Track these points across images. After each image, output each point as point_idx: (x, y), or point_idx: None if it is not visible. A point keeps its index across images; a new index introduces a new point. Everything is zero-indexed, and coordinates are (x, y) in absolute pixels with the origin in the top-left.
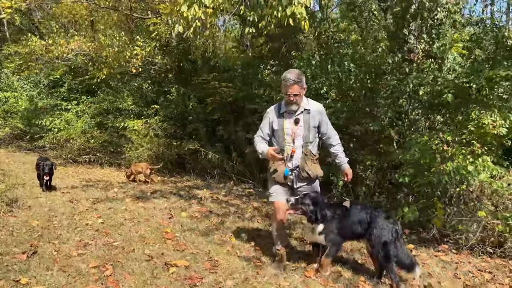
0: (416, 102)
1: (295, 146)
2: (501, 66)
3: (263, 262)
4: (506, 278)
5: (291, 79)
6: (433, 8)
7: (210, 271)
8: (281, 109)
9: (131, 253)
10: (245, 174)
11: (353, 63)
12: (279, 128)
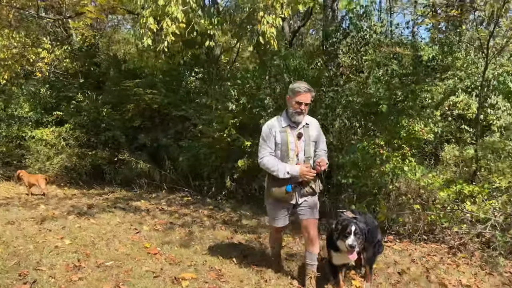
0: (350, 111)
1: (298, 161)
2: (423, 81)
3: (261, 266)
4: (448, 258)
5: (306, 87)
6: (361, 29)
7: (221, 281)
8: (283, 123)
9: (131, 271)
10: (178, 182)
11: (291, 75)
12: (283, 143)
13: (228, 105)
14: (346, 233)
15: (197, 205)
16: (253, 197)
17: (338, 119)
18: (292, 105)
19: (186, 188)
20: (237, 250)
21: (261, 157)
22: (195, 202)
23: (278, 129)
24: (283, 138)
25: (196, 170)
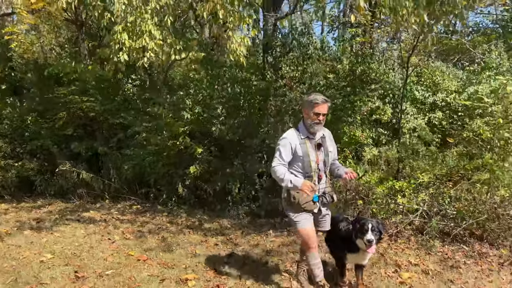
0: (296, 119)
1: (320, 172)
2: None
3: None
4: (392, 245)
5: (323, 98)
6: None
7: (222, 278)
8: (302, 134)
9: (134, 278)
10: (122, 191)
11: (242, 87)
12: (304, 154)
13: (183, 114)
14: (364, 230)
15: (150, 212)
16: (205, 201)
17: (286, 126)
18: (310, 116)
19: (132, 196)
20: (219, 251)
21: (274, 165)
22: (146, 210)
23: (298, 142)
24: (303, 150)
25: (141, 178)
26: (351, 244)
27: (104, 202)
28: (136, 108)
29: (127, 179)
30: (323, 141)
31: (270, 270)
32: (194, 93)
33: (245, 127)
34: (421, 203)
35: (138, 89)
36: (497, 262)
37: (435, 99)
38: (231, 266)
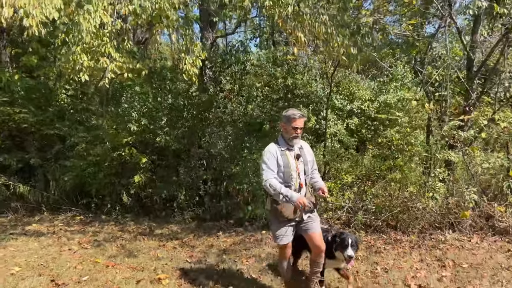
0: (236, 129)
1: (301, 181)
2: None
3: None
4: None
5: (300, 114)
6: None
7: (191, 276)
8: (282, 147)
9: (111, 282)
10: (61, 202)
11: (184, 98)
12: (285, 165)
13: (129, 126)
14: (344, 245)
15: (97, 222)
16: (151, 209)
17: (228, 136)
18: (288, 130)
19: (72, 207)
20: (179, 253)
21: (266, 179)
22: (91, 220)
23: (279, 153)
24: (284, 161)
25: (82, 188)
26: (330, 253)
27: (43, 214)
28: (71, 119)
29: (66, 191)
30: (302, 152)
31: (230, 266)
32: (139, 106)
33: (189, 137)
34: (347, 200)
35: (74, 100)
36: (408, 246)
37: (352, 107)
38: (195, 264)
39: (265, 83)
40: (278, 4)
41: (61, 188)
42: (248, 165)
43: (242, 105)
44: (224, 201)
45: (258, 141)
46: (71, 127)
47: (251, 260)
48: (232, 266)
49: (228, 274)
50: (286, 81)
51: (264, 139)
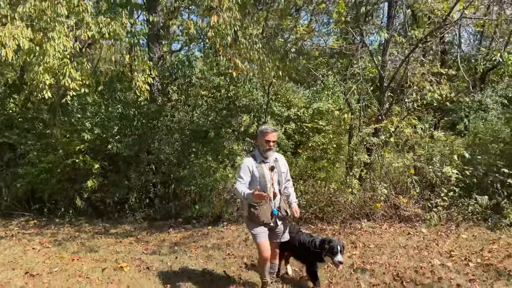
0: (183, 136)
1: (275, 190)
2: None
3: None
4: None
5: (272, 128)
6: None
7: (148, 263)
8: (258, 159)
9: (79, 271)
10: (13, 208)
11: (134, 108)
12: (260, 176)
13: (83, 134)
14: (334, 251)
15: (52, 225)
16: (103, 211)
17: (176, 142)
18: (262, 144)
19: (25, 212)
20: (136, 247)
21: (235, 186)
22: (46, 223)
23: (255, 165)
24: (260, 172)
25: (34, 194)
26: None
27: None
28: (21, 127)
29: (18, 197)
30: (276, 164)
31: (181, 254)
32: (91, 116)
33: (139, 144)
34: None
35: (22, 109)
36: (331, 233)
37: (289, 113)
38: (150, 255)
39: (210, 94)
40: (218, 34)
41: (13, 194)
42: (195, 168)
43: (188, 114)
44: (173, 202)
45: (204, 146)
46: (20, 135)
47: (199, 250)
48: (183, 255)
49: (180, 260)
50: (228, 93)
51: (209, 145)
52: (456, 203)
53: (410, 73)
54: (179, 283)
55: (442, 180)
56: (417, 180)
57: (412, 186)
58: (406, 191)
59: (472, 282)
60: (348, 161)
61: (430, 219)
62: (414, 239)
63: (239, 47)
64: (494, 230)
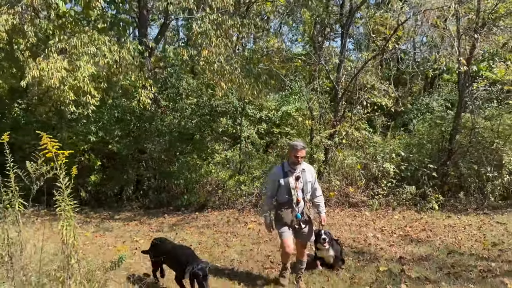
0: (172, 138)
1: (299, 197)
2: (215, 120)
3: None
4: (243, 215)
5: (302, 145)
6: (177, 86)
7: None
8: (285, 169)
9: (107, 245)
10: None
11: (132, 115)
12: (286, 183)
13: (89, 137)
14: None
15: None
16: (104, 202)
17: (165, 143)
18: (291, 157)
19: (35, 203)
20: (142, 227)
21: (265, 193)
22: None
23: (282, 175)
24: (286, 181)
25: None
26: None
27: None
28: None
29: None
30: (303, 174)
31: (179, 232)
32: (95, 121)
33: (135, 144)
34: (255, 188)
35: (28, 113)
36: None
37: (261, 115)
38: (156, 232)
39: (194, 102)
40: (208, 63)
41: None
42: (183, 165)
43: (176, 119)
44: (164, 193)
45: (189, 146)
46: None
47: (193, 228)
48: (180, 231)
49: (179, 235)
50: (210, 101)
51: (195, 145)
52: (393, 192)
53: (359, 87)
54: None
55: (383, 173)
56: (364, 174)
57: (359, 178)
58: (354, 183)
59: (391, 246)
60: (309, 159)
61: (372, 205)
62: (358, 220)
63: (223, 73)
64: (420, 212)
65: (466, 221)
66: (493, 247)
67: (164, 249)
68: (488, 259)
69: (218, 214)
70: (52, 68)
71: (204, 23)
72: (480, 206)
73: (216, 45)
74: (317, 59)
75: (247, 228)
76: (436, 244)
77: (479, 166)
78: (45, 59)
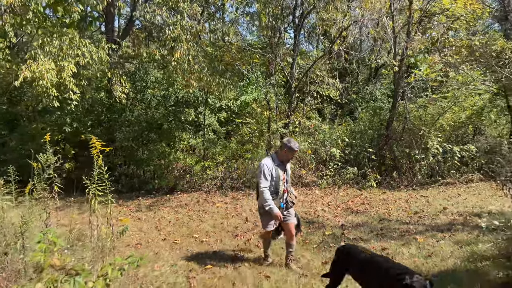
0: (140, 127)
1: (285, 187)
2: (182, 112)
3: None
4: (211, 196)
5: (298, 147)
6: (146, 79)
7: (138, 215)
8: (275, 162)
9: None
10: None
11: (102, 107)
12: (276, 176)
13: (64, 128)
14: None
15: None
16: (77, 187)
17: (135, 132)
18: (287, 155)
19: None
20: (122, 209)
21: (263, 187)
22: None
23: (274, 168)
24: (276, 174)
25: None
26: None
27: None
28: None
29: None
30: (288, 167)
31: (156, 211)
32: (69, 113)
33: (106, 134)
34: (220, 173)
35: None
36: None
37: (221, 104)
38: (136, 212)
39: (160, 94)
40: (179, 63)
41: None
42: (153, 152)
43: (144, 110)
44: (136, 179)
45: (157, 136)
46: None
47: (168, 208)
48: (157, 211)
49: (157, 214)
50: (176, 94)
51: (163, 135)
52: (339, 173)
53: (309, 81)
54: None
55: (330, 157)
56: (314, 158)
57: (310, 162)
58: (306, 165)
59: (336, 217)
60: (267, 145)
61: (321, 184)
62: (309, 197)
63: (193, 71)
64: (361, 189)
65: (397, 196)
66: (414, 215)
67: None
68: (409, 224)
69: (187, 196)
70: (42, 70)
71: (177, 29)
72: (410, 183)
73: (187, 48)
74: (273, 57)
75: (215, 207)
76: (371, 214)
77: (410, 150)
78: (35, 61)
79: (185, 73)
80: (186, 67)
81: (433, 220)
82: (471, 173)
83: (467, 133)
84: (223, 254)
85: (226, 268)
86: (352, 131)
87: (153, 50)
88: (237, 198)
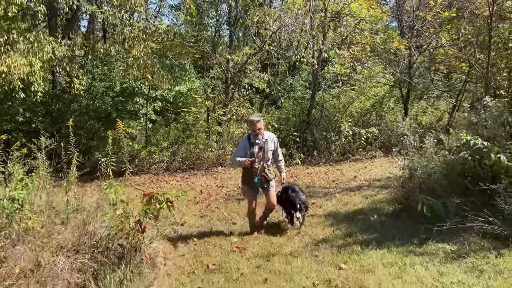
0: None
1: (260, 164)
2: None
3: None
4: (161, 178)
5: (256, 119)
6: (93, 72)
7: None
8: (251, 140)
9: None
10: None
11: (53, 98)
12: (251, 153)
13: (18, 118)
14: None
15: None
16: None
17: (85, 121)
18: (251, 129)
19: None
20: (86, 189)
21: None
22: None
23: (248, 144)
24: (251, 150)
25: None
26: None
27: None
28: None
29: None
30: (265, 144)
31: None
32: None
33: (57, 123)
34: (166, 157)
35: None
36: (201, 176)
37: (156, 94)
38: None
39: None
40: (135, 59)
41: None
42: (103, 140)
43: (90, 100)
44: (88, 163)
45: (104, 125)
46: None
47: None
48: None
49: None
50: (122, 85)
51: (111, 124)
52: None
53: (243, 75)
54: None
55: None
56: None
57: None
58: None
59: None
60: (208, 131)
61: None
62: None
63: (147, 66)
64: (289, 166)
65: (318, 170)
66: (332, 182)
67: None
68: (329, 188)
69: (139, 178)
70: (18, 64)
71: (135, 29)
72: (328, 160)
73: (144, 46)
74: (213, 52)
75: (170, 184)
76: (299, 184)
77: (327, 133)
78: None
79: (140, 68)
80: (141, 63)
81: (346, 185)
82: (374, 151)
83: (371, 118)
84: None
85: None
86: (279, 118)
87: (108, 46)
88: (186, 177)
